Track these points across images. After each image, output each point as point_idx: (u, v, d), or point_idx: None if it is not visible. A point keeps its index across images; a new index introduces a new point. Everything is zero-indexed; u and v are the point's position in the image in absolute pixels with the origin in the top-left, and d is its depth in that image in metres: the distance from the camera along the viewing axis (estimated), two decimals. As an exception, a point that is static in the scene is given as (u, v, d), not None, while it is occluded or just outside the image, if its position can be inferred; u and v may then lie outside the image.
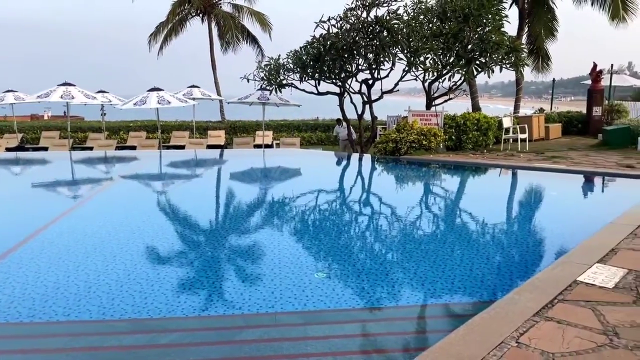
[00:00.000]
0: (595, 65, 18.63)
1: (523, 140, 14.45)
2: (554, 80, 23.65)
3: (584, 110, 19.41)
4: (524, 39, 19.45)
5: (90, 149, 18.14)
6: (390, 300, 4.32)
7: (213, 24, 28.07)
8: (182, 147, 18.53)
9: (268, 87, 15.18)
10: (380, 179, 11.86)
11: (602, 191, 9.63)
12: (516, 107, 19.57)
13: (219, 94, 26.20)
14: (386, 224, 7.29)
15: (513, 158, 12.25)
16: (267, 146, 18.65)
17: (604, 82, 20.45)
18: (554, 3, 19.07)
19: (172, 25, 27.54)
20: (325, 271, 4.94)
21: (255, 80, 15.02)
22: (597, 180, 10.00)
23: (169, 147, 18.89)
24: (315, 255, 5.62)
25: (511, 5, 18.23)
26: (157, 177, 12.32)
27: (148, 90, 16.60)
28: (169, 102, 15.97)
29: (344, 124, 16.41)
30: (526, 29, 19.23)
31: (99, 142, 18.74)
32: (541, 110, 22.72)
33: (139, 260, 5.32)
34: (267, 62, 14.96)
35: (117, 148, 18.28)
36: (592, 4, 17.78)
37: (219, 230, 6.88)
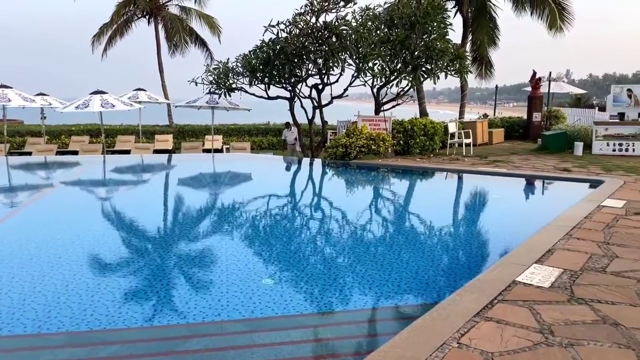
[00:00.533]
0: (534, 73, 19.46)
1: (467, 144, 14.91)
2: (496, 87, 24.59)
3: (525, 116, 20.25)
4: (468, 47, 20.12)
5: (29, 154, 17.32)
6: (338, 304, 4.33)
7: (160, 26, 27.45)
8: (127, 152, 17.98)
9: (217, 91, 14.99)
10: (331, 184, 11.93)
11: (541, 194, 10.07)
12: (461, 113, 20.20)
13: (166, 97, 25.64)
14: (335, 228, 7.33)
15: (458, 162, 12.61)
16: (217, 151, 18.39)
17: (543, 89, 21.42)
18: (495, 13, 19.87)
19: (116, 27, 26.74)
20: (273, 277, 4.91)
21: (203, 83, 14.80)
22: (536, 184, 10.45)
23: (113, 152, 18.30)
24: (264, 261, 5.57)
25: (455, 14, 18.84)
26: (99, 183, 11.91)
27: (91, 93, 16.03)
28: (113, 106, 15.47)
29: (293, 128, 16.41)
30: (470, 37, 19.91)
31: (39, 147, 17.91)
32: (485, 115, 23.56)
33: (78, 270, 5.10)
34: (216, 66, 14.78)
35: (58, 153, 17.53)
36: (531, 14, 18.62)
37: (164, 238, 6.71)
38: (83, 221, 7.45)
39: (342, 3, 13.96)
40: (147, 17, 27.47)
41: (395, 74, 14.08)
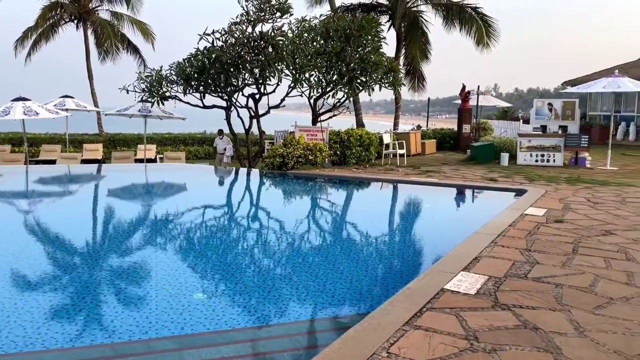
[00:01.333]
0: (464, 87, 20.32)
1: (401, 155, 15.31)
2: (429, 99, 25.50)
3: (456, 128, 21.08)
4: (401, 61, 20.75)
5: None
6: (272, 317, 4.28)
7: (90, 32, 26.38)
8: (52, 162, 17.06)
9: (149, 99, 14.57)
10: (267, 194, 11.86)
11: (470, 203, 10.49)
12: (395, 124, 20.75)
13: (96, 105, 24.62)
14: (270, 239, 7.28)
15: (392, 172, 12.92)
16: (150, 161, 17.83)
17: (472, 102, 22.39)
18: (427, 28, 20.67)
19: (42, 31, 25.43)
20: (205, 291, 4.79)
21: (135, 91, 14.35)
22: (465, 193, 10.87)
23: (37, 162, 17.30)
24: (196, 275, 5.43)
25: (389, 28, 19.41)
26: (20, 195, 11.21)
27: (12, 100, 15.11)
28: (37, 113, 14.65)
29: (225, 137, 16.10)
30: (403, 51, 20.56)
31: (-48, 157, 16.64)
32: (418, 127, 24.27)
33: (-8, 290, 4.76)
34: (149, 73, 14.37)
35: (-25, 163, 16.35)
36: (460, 30, 19.51)
37: (89, 253, 6.40)
38: None
39: (278, 14, 14.02)
40: (75, 21, 26.32)
41: (332, 85, 14.27)
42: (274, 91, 14.35)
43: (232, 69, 13.45)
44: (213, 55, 13.33)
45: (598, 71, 24.46)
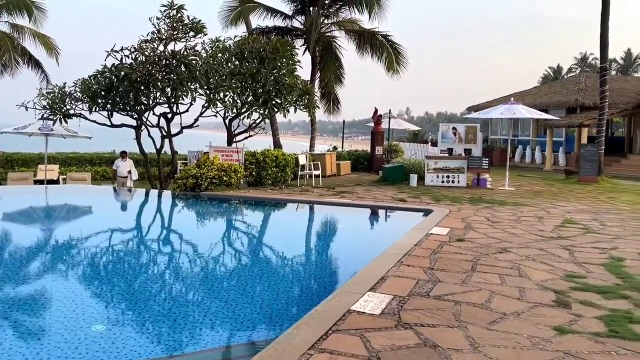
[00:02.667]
0: (376, 110, 21.06)
1: (317, 176, 15.53)
2: (344, 121, 26.19)
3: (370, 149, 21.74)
4: (316, 84, 21.18)
5: None
6: (177, 347, 4.12)
7: (-15, 43, 24.42)
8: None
9: (51, 117, 13.70)
10: (178, 216, 11.52)
11: (380, 223, 10.79)
12: (311, 146, 21.05)
13: (-9, 121, 22.72)
14: (179, 264, 7.05)
15: (307, 193, 13.05)
16: (51, 182, 16.70)
17: (384, 125, 23.24)
18: (340, 53, 21.31)
19: None
20: (105, 323, 4.52)
21: (35, 108, 13.44)
22: (376, 213, 11.19)
23: None
24: (95, 305, 5.12)
25: (304, 52, 19.80)
26: None
27: None
28: None
29: (128, 159, 15.12)
30: (318, 75, 21.01)
31: None
32: (334, 148, 24.78)
33: None
34: (51, 90, 13.54)
35: None
36: (372, 56, 20.31)
37: (-24, 284, 5.84)
38: None
39: (192, 33, 13.82)
40: (-32, 32, 24.27)
41: (247, 106, 14.24)
42: (187, 111, 14.06)
43: (142, 87, 13.01)
44: (122, 73, 12.84)
45: (498, 98, 26.40)
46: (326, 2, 19.50)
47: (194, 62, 12.98)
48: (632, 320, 4.32)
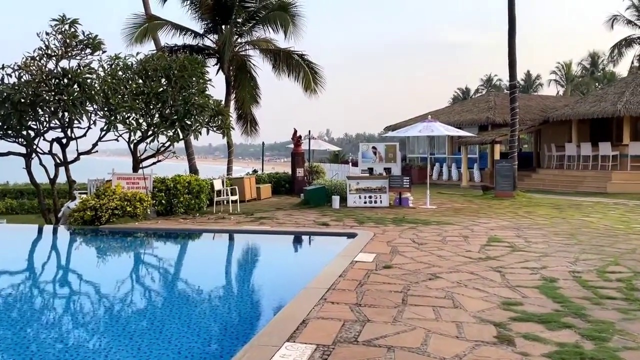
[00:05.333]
0: (295, 131, 20.48)
1: (234, 201, 14.57)
2: (263, 143, 25.43)
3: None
4: (232, 105, 20.29)
5: None
6: None
7: None
8: None
9: None
10: (75, 255, 10.11)
11: (301, 251, 9.99)
12: (229, 169, 20.01)
13: None
14: (71, 312, 5.86)
15: (223, 221, 12.05)
16: None
17: (305, 146, 22.72)
18: (256, 72, 20.58)
19: None
20: None
21: None
22: (298, 240, 10.41)
23: None
24: None
25: (218, 71, 18.91)
26: None
27: None
28: None
29: None
30: (234, 95, 20.14)
31: None
32: (254, 171, 23.87)
33: None
34: None
35: None
36: (288, 76, 19.77)
37: None
38: None
39: (88, 50, 12.52)
40: None
41: (153, 128, 13.05)
42: (84, 135, 12.64)
43: (28, 110, 11.49)
44: (4, 94, 11.28)
45: (414, 117, 26.81)
46: (239, 20, 18.78)
47: (88, 80, 11.67)
48: (584, 356, 3.83)
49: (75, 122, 12.17)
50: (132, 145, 13.65)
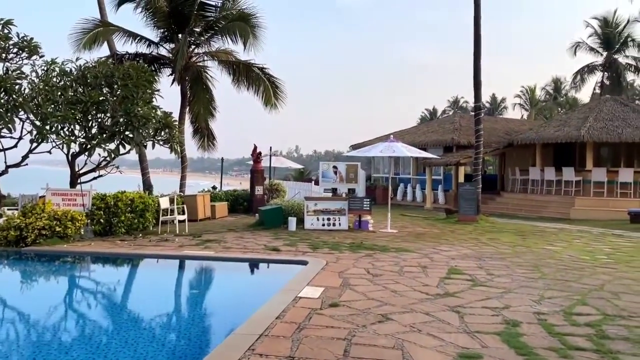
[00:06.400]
0: (255, 147, 19.63)
1: (182, 221, 13.56)
2: (222, 159, 24.44)
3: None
4: (188, 117, 19.32)
5: None
6: None
7: None
8: None
9: None
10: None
11: (241, 284, 8.72)
12: (182, 185, 18.92)
13: None
14: None
15: (164, 244, 11.01)
16: None
17: (265, 163, 21.90)
18: (212, 84, 19.65)
19: None
20: None
21: None
22: (241, 269, 9.43)
23: None
24: None
25: (172, 82, 17.93)
26: None
27: None
28: None
29: None
30: (189, 108, 19.17)
31: None
32: (213, 188, 22.84)
33: None
34: None
35: None
36: (247, 89, 18.95)
37: None
38: None
39: (24, 54, 11.44)
40: None
41: (94, 141, 11.97)
42: (15, 146, 11.47)
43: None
44: None
45: (379, 136, 26.33)
46: (197, 29, 17.93)
47: (17, 86, 10.56)
48: None
49: (4, 131, 11.00)
50: (69, 158, 12.51)
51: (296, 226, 13.82)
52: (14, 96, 10.41)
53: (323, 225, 14.00)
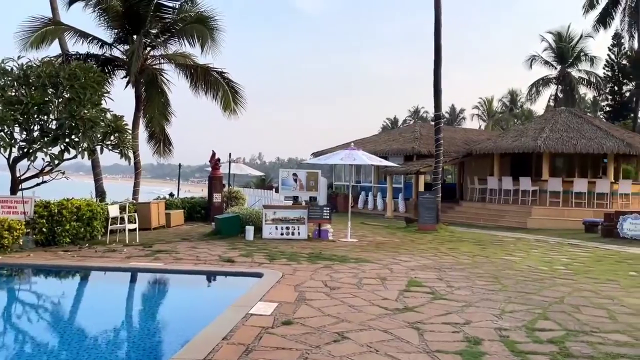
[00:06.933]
0: (213, 153, 19.05)
1: (133, 230, 12.88)
2: (180, 165, 23.70)
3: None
4: (143, 122, 18.56)
5: None
6: None
7: None
8: None
9: None
10: None
11: (189, 299, 8.08)
12: (135, 192, 18.11)
13: None
14: None
15: (111, 255, 10.35)
16: None
17: (225, 169, 21.33)
18: (168, 88, 18.90)
19: None
20: None
21: None
22: (191, 282, 8.87)
23: None
24: None
25: (127, 85, 17.16)
26: None
27: None
28: None
29: None
30: (143, 112, 18.41)
31: None
32: (171, 195, 22.07)
33: None
34: None
35: None
36: (205, 94, 18.36)
37: None
38: None
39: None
40: None
41: (36, 144, 11.19)
42: (-53, 149, 10.62)
43: None
44: None
45: (341, 144, 26.13)
46: (153, 31, 17.24)
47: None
48: None
49: None
50: (10, 162, 11.67)
51: (254, 235, 13.36)
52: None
53: (282, 234, 13.59)
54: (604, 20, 32.10)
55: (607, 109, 41.82)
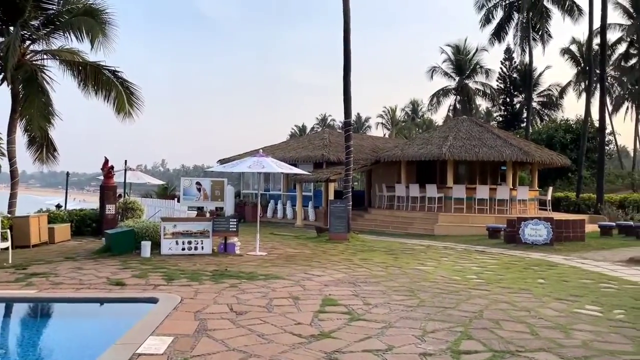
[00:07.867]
0: (106, 160, 17.29)
1: (5, 249, 11.07)
2: (67, 173, 21.37)
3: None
4: (21, 125, 16.40)
5: None
6: None
7: None
8: None
9: None
10: None
11: (64, 337, 6.53)
12: (11, 205, 15.88)
13: None
14: None
15: (-27, 281, 8.66)
16: None
17: (120, 178, 19.57)
18: (51, 87, 16.77)
19: None
20: None
21: None
22: (69, 314, 7.46)
23: None
24: None
25: (2, 82, 15.00)
26: None
27: None
28: None
29: None
30: (21, 113, 16.26)
31: None
32: (58, 206, 19.83)
33: None
34: None
35: None
36: (96, 94, 16.58)
37: None
38: None
39: None
40: None
41: None
42: None
43: None
44: None
45: (249, 151, 25.15)
46: (33, 23, 15.27)
47: None
48: None
49: None
50: None
51: (151, 251, 12.04)
52: None
53: (183, 249, 12.40)
54: (498, 34, 34.07)
55: (500, 119, 44.64)
